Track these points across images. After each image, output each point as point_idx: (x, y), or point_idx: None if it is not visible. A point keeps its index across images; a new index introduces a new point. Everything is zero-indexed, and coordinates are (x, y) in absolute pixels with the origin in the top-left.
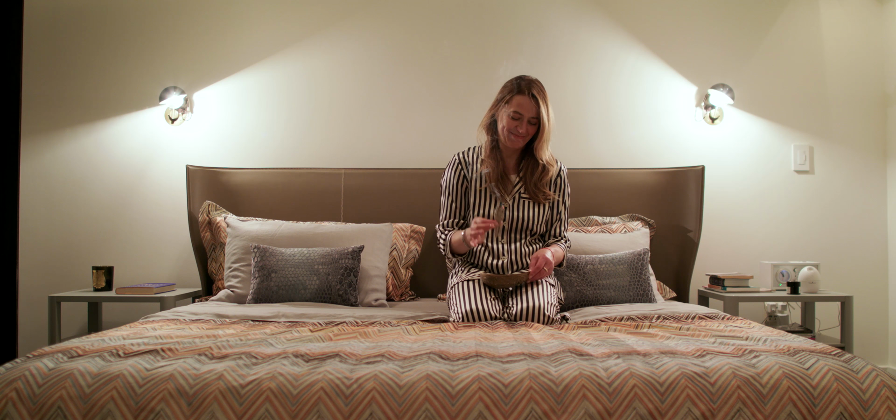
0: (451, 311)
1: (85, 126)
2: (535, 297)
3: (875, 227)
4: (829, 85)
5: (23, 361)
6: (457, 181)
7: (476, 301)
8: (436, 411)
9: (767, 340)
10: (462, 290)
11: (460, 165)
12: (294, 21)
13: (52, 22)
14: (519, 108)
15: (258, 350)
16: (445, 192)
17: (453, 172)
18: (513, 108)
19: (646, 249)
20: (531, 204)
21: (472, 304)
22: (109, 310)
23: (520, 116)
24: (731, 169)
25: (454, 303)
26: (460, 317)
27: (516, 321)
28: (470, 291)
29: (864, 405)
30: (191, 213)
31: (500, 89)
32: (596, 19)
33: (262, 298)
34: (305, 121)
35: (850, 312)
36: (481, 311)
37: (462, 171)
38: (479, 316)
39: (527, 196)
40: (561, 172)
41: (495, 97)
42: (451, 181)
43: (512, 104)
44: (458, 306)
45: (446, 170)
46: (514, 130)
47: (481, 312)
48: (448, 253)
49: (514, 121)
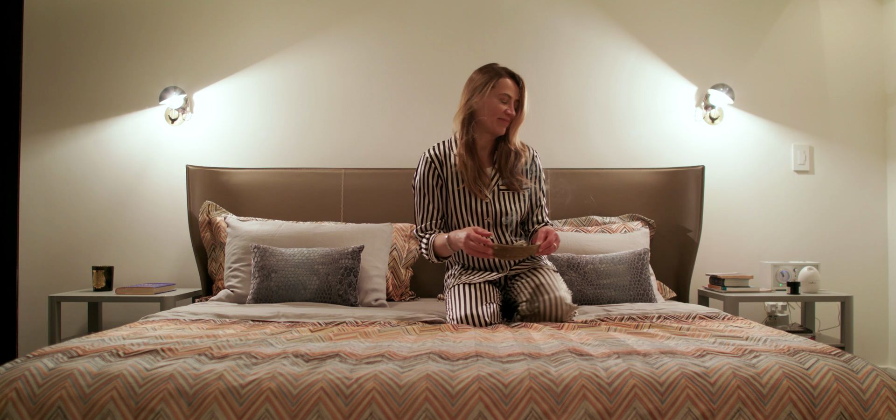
0: (448, 313)
1: (85, 126)
2: (551, 288)
3: (875, 227)
4: (829, 85)
5: (23, 361)
6: (433, 180)
7: (473, 306)
8: (436, 411)
9: (767, 340)
10: (459, 294)
11: (433, 163)
12: (294, 21)
13: (52, 22)
14: (506, 90)
15: (258, 350)
16: (420, 192)
17: (427, 171)
18: (499, 90)
19: (646, 249)
20: (510, 195)
21: (469, 308)
22: (109, 310)
23: (508, 99)
24: (731, 169)
25: (451, 305)
26: (456, 321)
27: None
28: (467, 295)
29: (864, 405)
30: (191, 213)
31: (470, 82)
32: (596, 19)
33: (262, 298)
34: (305, 121)
35: (850, 312)
36: (478, 316)
37: (436, 169)
38: (476, 322)
39: (505, 187)
40: (535, 158)
41: (468, 89)
42: (425, 181)
43: (498, 88)
44: (455, 310)
45: (418, 169)
46: (503, 114)
47: (479, 318)
48: (432, 257)
49: (503, 105)
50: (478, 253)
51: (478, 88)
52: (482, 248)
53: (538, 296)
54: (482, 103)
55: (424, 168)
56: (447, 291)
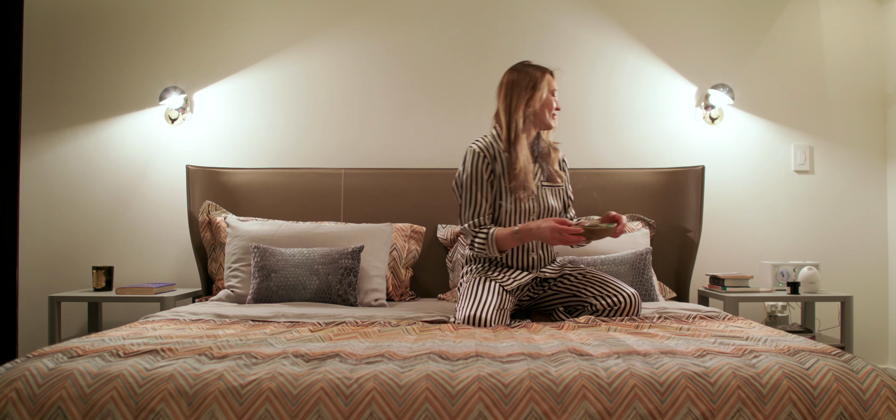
0: (458, 306)
1: (85, 126)
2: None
3: (875, 227)
4: (829, 85)
5: (23, 361)
6: (486, 173)
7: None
8: (436, 411)
9: (767, 340)
10: (474, 289)
11: (484, 156)
12: (294, 21)
13: (52, 22)
14: (555, 85)
15: (258, 350)
16: (473, 185)
17: (480, 163)
18: (549, 87)
19: (648, 249)
20: (551, 190)
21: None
22: (109, 310)
23: (554, 92)
24: (731, 169)
25: (463, 298)
26: (463, 317)
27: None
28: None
29: (864, 405)
30: (191, 214)
31: (512, 84)
32: (596, 19)
33: (261, 298)
34: (305, 121)
35: (850, 312)
36: (488, 320)
37: (488, 162)
38: (485, 323)
39: (547, 183)
40: (563, 156)
41: (512, 91)
42: (478, 173)
43: (549, 84)
44: (464, 307)
45: (468, 163)
46: (554, 109)
47: (488, 322)
48: (493, 251)
49: (554, 99)
50: (566, 242)
51: (528, 88)
52: (571, 237)
53: (608, 294)
54: (533, 102)
55: (476, 160)
56: (463, 282)
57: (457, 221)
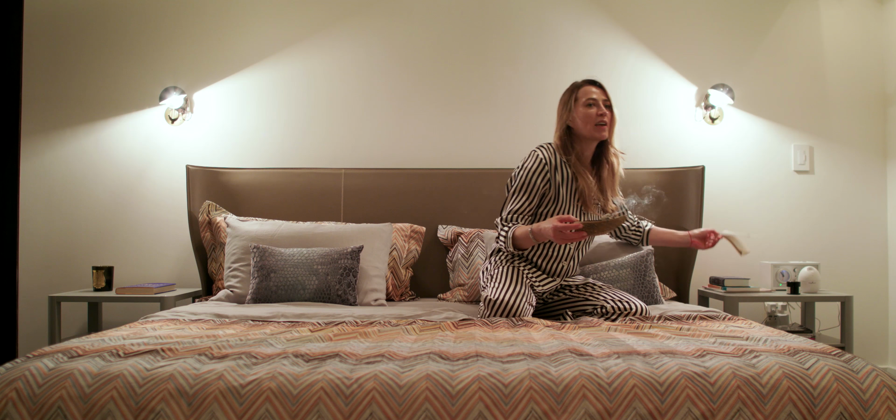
0: (485, 291)
1: (85, 126)
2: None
3: (875, 227)
4: (829, 85)
5: (23, 361)
6: (541, 182)
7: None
8: (436, 411)
9: (767, 340)
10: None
11: (547, 166)
12: (294, 21)
13: (52, 22)
14: (589, 95)
15: (258, 350)
16: (523, 187)
17: (540, 170)
18: (583, 97)
19: (650, 251)
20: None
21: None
22: (109, 310)
23: (594, 101)
24: (731, 169)
25: (495, 281)
26: (491, 303)
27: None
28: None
29: (864, 405)
30: (191, 214)
31: (559, 104)
32: (596, 20)
33: (261, 298)
34: (305, 121)
35: (850, 312)
36: (516, 308)
37: (548, 173)
38: (512, 312)
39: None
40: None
41: (558, 109)
42: (534, 179)
43: (580, 96)
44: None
45: (531, 166)
46: (597, 119)
47: (516, 310)
48: (510, 247)
49: (592, 107)
50: (568, 239)
51: (564, 105)
52: (572, 234)
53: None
54: (573, 117)
55: (537, 166)
56: (492, 265)
57: (457, 222)
